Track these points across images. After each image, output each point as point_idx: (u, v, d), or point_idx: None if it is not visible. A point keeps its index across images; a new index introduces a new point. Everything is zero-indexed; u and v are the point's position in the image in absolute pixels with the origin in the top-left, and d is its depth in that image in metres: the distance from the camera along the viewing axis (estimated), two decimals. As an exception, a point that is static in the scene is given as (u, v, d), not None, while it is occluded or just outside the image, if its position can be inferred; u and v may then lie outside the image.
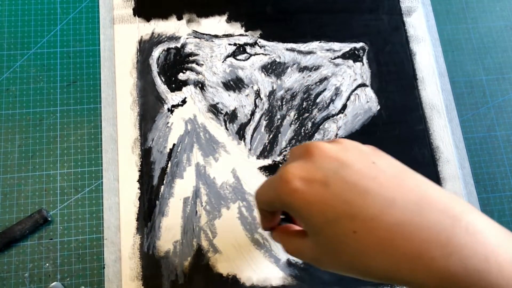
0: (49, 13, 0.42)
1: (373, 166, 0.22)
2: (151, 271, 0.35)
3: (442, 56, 0.44)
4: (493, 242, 0.19)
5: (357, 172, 0.22)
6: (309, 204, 0.22)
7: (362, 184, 0.21)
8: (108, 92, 0.40)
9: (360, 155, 0.23)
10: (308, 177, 0.22)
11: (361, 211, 0.21)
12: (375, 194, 0.21)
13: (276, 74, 0.42)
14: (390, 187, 0.21)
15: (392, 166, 0.22)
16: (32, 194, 0.37)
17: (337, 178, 0.22)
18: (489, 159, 0.42)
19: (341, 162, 0.22)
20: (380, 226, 0.20)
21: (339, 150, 0.23)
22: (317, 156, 0.23)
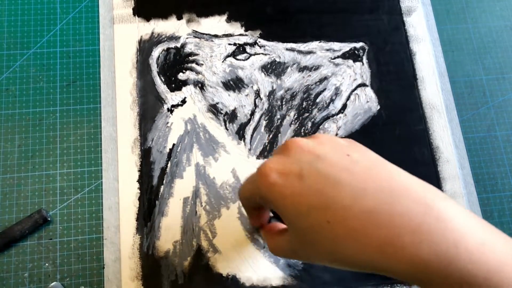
0: (49, 13, 0.42)
1: (346, 158, 0.23)
2: (151, 271, 0.35)
3: (442, 56, 0.44)
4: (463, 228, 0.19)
5: (330, 164, 0.22)
6: (285, 197, 0.23)
7: (335, 175, 0.22)
8: (108, 92, 0.40)
9: (335, 148, 0.24)
10: (284, 171, 0.23)
11: (334, 201, 0.21)
12: (347, 184, 0.21)
13: (276, 74, 0.42)
14: (362, 177, 0.21)
15: (366, 157, 0.23)
16: (32, 194, 0.37)
17: (311, 170, 0.22)
18: (489, 159, 0.42)
19: (315, 155, 0.23)
20: (352, 215, 0.21)
21: (315, 144, 0.24)
22: (294, 150, 0.24)
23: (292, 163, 0.23)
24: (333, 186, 0.21)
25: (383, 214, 0.20)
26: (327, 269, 0.36)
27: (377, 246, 0.20)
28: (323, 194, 0.22)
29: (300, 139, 0.25)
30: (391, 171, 0.22)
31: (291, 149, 0.24)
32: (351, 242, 0.21)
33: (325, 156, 0.23)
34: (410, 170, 0.22)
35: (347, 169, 0.22)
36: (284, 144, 0.25)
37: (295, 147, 0.24)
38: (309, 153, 0.23)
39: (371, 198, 0.20)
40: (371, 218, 0.20)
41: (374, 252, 0.20)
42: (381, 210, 0.20)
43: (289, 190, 0.23)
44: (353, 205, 0.21)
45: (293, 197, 0.22)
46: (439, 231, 0.19)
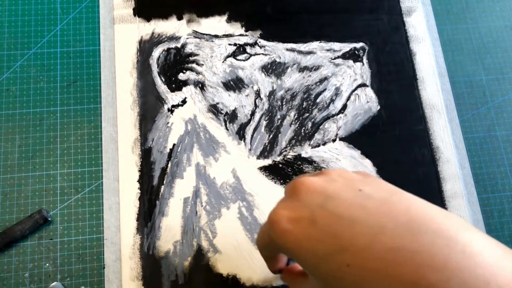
0: (49, 13, 0.42)
1: (359, 194, 0.21)
2: (151, 271, 0.35)
3: (442, 56, 0.44)
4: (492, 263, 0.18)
5: (343, 203, 0.21)
6: (299, 244, 0.22)
7: (349, 215, 0.21)
8: (108, 92, 0.40)
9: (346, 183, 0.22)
10: (295, 217, 0.22)
11: (351, 242, 0.20)
12: (363, 223, 0.20)
13: (276, 74, 0.42)
14: (379, 214, 0.20)
15: (380, 190, 0.22)
16: (32, 194, 0.37)
17: (323, 213, 0.21)
18: (489, 159, 0.42)
19: (326, 195, 0.22)
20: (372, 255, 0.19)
21: (324, 182, 0.23)
22: (303, 192, 0.23)
23: (303, 207, 0.22)
24: (348, 226, 0.20)
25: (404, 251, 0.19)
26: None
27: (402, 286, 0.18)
28: (339, 237, 0.20)
29: (307, 178, 0.23)
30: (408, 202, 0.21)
31: (300, 191, 0.23)
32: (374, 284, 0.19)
33: (337, 195, 0.22)
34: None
35: (361, 206, 0.21)
36: (292, 186, 0.24)
37: (303, 188, 0.23)
38: (319, 194, 0.22)
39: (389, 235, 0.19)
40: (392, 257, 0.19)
41: None
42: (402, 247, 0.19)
43: (303, 236, 0.21)
44: (372, 245, 0.19)
45: (308, 243, 0.21)
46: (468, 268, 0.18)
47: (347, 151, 0.40)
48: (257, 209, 0.38)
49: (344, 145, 0.40)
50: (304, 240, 0.21)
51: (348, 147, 0.40)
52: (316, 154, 0.40)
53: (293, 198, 0.23)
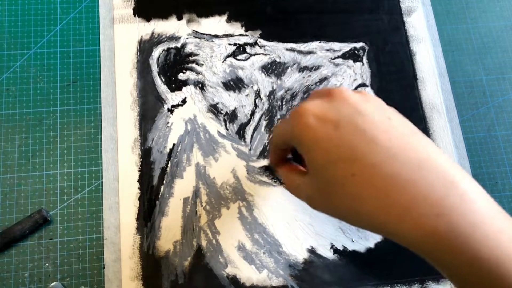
0: (49, 13, 0.42)
1: (387, 121, 0.23)
2: (151, 271, 0.35)
3: (442, 56, 0.44)
4: (484, 213, 0.19)
5: (370, 121, 0.22)
6: (316, 141, 0.23)
7: (372, 133, 0.22)
8: (108, 92, 0.40)
9: (378, 108, 0.24)
10: (321, 116, 0.23)
11: (364, 156, 0.21)
12: (381, 144, 0.21)
13: (276, 74, 0.42)
14: (397, 143, 0.22)
15: (405, 125, 0.23)
16: (32, 194, 0.37)
17: (349, 122, 0.22)
18: (489, 159, 0.42)
19: (357, 110, 0.23)
20: (378, 173, 0.21)
21: (360, 99, 0.24)
22: (337, 98, 0.24)
23: (332, 110, 0.23)
24: (368, 142, 0.22)
25: (407, 180, 0.20)
26: (327, 269, 0.36)
27: (395, 209, 0.20)
28: (355, 148, 0.22)
29: (346, 89, 0.24)
30: (426, 144, 0.22)
31: (334, 97, 0.24)
32: (371, 200, 0.21)
33: (367, 113, 0.23)
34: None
35: (385, 131, 0.22)
36: (327, 90, 0.25)
37: (338, 95, 0.24)
38: (352, 106, 0.23)
39: (400, 163, 0.21)
40: (395, 181, 0.20)
41: (390, 215, 0.20)
42: (406, 176, 0.20)
43: (323, 136, 0.23)
44: (381, 164, 0.21)
45: (325, 143, 0.22)
46: (460, 209, 0.19)
47: (347, 151, 0.40)
48: (257, 209, 0.38)
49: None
50: (322, 139, 0.23)
51: (348, 147, 0.40)
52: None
53: (324, 100, 0.24)
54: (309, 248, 0.37)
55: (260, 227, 0.37)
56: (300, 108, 0.24)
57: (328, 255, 0.37)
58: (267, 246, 0.37)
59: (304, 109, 0.24)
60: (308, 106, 0.24)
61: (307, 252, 0.37)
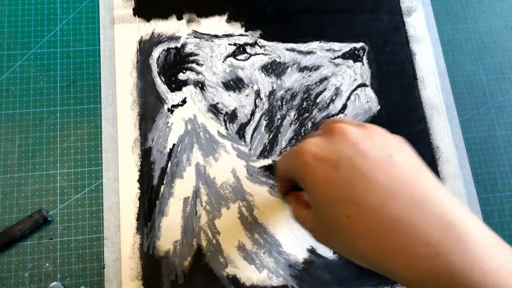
0: (49, 13, 0.42)
1: (388, 159, 0.22)
2: (151, 271, 0.35)
3: (442, 56, 0.44)
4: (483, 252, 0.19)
5: (369, 162, 0.22)
6: (316, 181, 0.23)
7: (370, 174, 0.22)
8: (108, 92, 0.40)
9: (380, 145, 0.23)
10: (321, 156, 0.23)
11: (361, 198, 0.21)
12: (379, 186, 0.21)
13: (276, 74, 0.42)
14: (397, 182, 0.21)
15: (409, 162, 0.23)
16: (32, 194, 0.37)
17: (348, 163, 0.22)
18: (489, 159, 0.42)
19: (357, 149, 0.23)
20: (374, 217, 0.21)
21: (362, 136, 0.24)
22: (338, 138, 0.24)
23: (332, 150, 0.23)
24: (365, 184, 0.21)
25: (404, 221, 0.20)
26: (327, 269, 0.36)
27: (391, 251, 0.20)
28: (353, 189, 0.22)
29: (347, 126, 0.24)
30: (428, 181, 0.22)
31: (335, 135, 0.24)
32: (368, 241, 0.21)
33: (367, 152, 0.22)
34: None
35: (385, 171, 0.22)
36: (330, 127, 0.25)
37: (340, 135, 0.24)
38: (352, 145, 0.23)
39: (398, 205, 0.20)
40: (392, 224, 0.20)
41: (386, 256, 0.20)
42: (404, 217, 0.20)
43: (321, 176, 0.23)
44: (378, 208, 0.21)
45: (323, 184, 0.23)
46: (458, 250, 0.19)
47: (347, 151, 0.40)
48: (257, 209, 0.38)
49: (344, 145, 0.40)
50: (321, 180, 0.23)
51: (348, 147, 0.40)
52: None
53: (326, 139, 0.24)
54: (309, 248, 0.37)
55: (260, 227, 0.37)
56: (301, 147, 0.24)
57: (328, 255, 0.37)
58: (267, 246, 0.37)
59: (305, 147, 0.24)
60: (308, 145, 0.24)
61: (307, 252, 0.37)
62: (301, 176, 0.24)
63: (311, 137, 0.25)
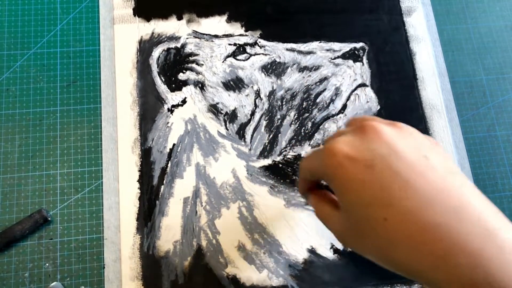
0: (49, 13, 0.42)
1: (423, 160, 0.22)
2: (151, 271, 0.35)
3: (442, 56, 0.44)
4: None
5: (405, 163, 0.21)
6: (349, 182, 0.22)
7: (407, 177, 0.21)
8: (108, 92, 0.40)
9: (415, 145, 0.22)
10: (354, 156, 0.22)
11: (398, 201, 0.20)
12: (416, 190, 0.20)
13: (276, 74, 0.42)
14: (434, 187, 0.20)
15: (444, 164, 0.22)
16: (32, 194, 0.37)
17: (383, 164, 0.21)
18: (489, 159, 0.42)
19: (392, 149, 0.22)
20: (412, 220, 0.20)
21: (395, 135, 0.23)
22: (371, 136, 0.23)
23: (366, 149, 0.22)
24: (402, 186, 0.21)
25: (444, 228, 0.19)
26: (327, 269, 0.36)
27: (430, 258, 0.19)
28: (389, 191, 0.21)
29: (379, 124, 0.23)
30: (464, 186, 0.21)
31: (368, 134, 0.23)
32: (404, 247, 0.20)
33: (402, 153, 0.22)
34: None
35: (421, 174, 0.21)
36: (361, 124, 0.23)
37: (373, 133, 0.23)
38: (386, 144, 0.22)
39: (436, 210, 0.20)
40: (432, 230, 0.19)
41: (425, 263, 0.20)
42: (443, 224, 0.19)
43: (355, 177, 0.22)
44: (416, 212, 0.20)
45: (357, 185, 0.22)
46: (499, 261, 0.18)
47: (347, 151, 0.40)
48: (257, 209, 0.38)
49: (344, 145, 0.40)
50: (354, 180, 0.22)
51: (348, 147, 0.40)
52: (316, 154, 0.40)
53: (358, 137, 0.23)
54: (309, 248, 0.37)
55: (260, 227, 0.37)
56: (331, 146, 0.23)
57: (328, 255, 0.37)
58: (267, 246, 0.37)
59: (336, 146, 0.23)
60: (339, 145, 0.23)
61: (307, 252, 0.37)
62: (332, 177, 0.23)
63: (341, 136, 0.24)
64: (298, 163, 0.39)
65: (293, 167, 0.39)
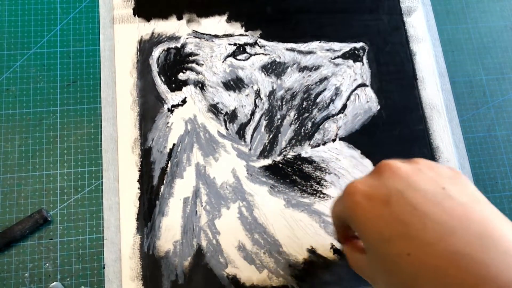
0: (49, 13, 0.42)
1: (441, 191, 0.21)
2: (151, 271, 0.35)
3: (442, 56, 0.44)
4: None
5: (421, 195, 0.21)
6: (367, 220, 0.22)
7: (424, 208, 0.21)
8: (108, 92, 0.40)
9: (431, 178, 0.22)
10: (370, 193, 0.22)
11: (418, 234, 0.20)
12: (435, 220, 0.20)
13: (276, 74, 0.42)
14: (453, 215, 0.20)
15: (464, 194, 0.21)
16: (32, 194, 0.37)
17: (399, 198, 0.21)
18: (489, 159, 0.42)
19: (408, 183, 0.22)
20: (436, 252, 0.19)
21: (411, 170, 0.23)
22: (386, 174, 0.23)
23: (381, 186, 0.22)
24: (420, 218, 0.20)
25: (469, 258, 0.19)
26: (327, 269, 0.36)
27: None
28: (408, 225, 0.20)
29: (394, 161, 0.23)
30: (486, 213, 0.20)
31: (384, 172, 0.23)
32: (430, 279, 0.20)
33: (418, 186, 0.21)
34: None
35: (438, 204, 0.21)
36: (378, 165, 0.24)
37: (388, 169, 0.23)
38: (401, 179, 0.22)
39: (458, 238, 0.19)
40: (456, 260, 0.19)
41: None
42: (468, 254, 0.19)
43: (373, 214, 0.22)
44: (438, 243, 0.20)
45: (376, 222, 0.22)
46: None
47: (347, 151, 0.40)
48: (257, 209, 0.38)
49: (344, 145, 0.40)
50: (373, 218, 0.22)
51: (348, 147, 0.40)
52: (316, 154, 0.40)
53: (374, 177, 0.23)
54: (309, 248, 0.37)
55: (260, 227, 0.37)
56: (349, 187, 0.24)
57: (328, 255, 0.37)
58: (267, 246, 0.37)
59: (353, 187, 0.23)
60: (357, 185, 0.23)
61: (307, 252, 0.37)
62: (351, 217, 0.23)
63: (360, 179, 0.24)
64: (298, 163, 0.39)
65: (293, 167, 0.39)
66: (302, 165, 0.39)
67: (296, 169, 0.39)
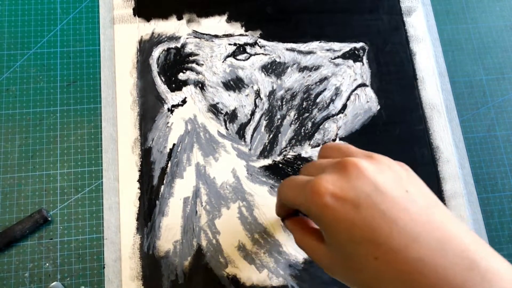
0: (49, 13, 0.42)
1: (405, 195, 0.22)
2: (151, 271, 0.35)
3: (442, 56, 0.44)
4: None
5: (389, 200, 0.22)
6: (338, 222, 0.22)
7: (392, 214, 0.21)
8: (108, 92, 0.40)
9: (394, 179, 0.23)
10: (340, 195, 0.23)
11: (386, 241, 0.21)
12: (402, 227, 0.21)
13: (276, 74, 0.42)
14: (418, 222, 0.21)
15: (421, 195, 0.23)
16: (32, 194, 0.37)
17: (369, 202, 0.22)
18: (489, 159, 0.42)
19: (375, 186, 0.22)
20: (402, 259, 0.20)
21: (375, 170, 0.23)
22: (354, 175, 0.23)
23: (350, 188, 0.23)
24: (389, 225, 0.21)
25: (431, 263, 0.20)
26: (327, 269, 0.36)
27: None
28: (377, 231, 0.21)
29: (359, 160, 0.24)
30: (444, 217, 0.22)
31: (351, 172, 0.23)
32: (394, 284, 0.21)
33: (385, 190, 0.22)
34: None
35: (405, 209, 0.21)
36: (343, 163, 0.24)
37: (355, 171, 0.23)
38: (369, 182, 0.22)
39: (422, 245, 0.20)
40: (419, 266, 0.20)
41: None
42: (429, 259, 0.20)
43: (343, 217, 0.22)
44: (405, 250, 0.20)
45: (346, 224, 0.22)
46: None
47: (347, 151, 0.40)
48: (257, 209, 0.38)
49: (344, 145, 0.40)
50: (343, 220, 0.22)
51: (348, 147, 0.40)
52: (316, 154, 0.40)
53: (341, 176, 0.23)
54: (309, 248, 0.37)
55: (260, 227, 0.37)
56: (316, 185, 0.23)
57: (328, 255, 0.37)
58: (267, 246, 0.37)
59: (321, 186, 0.23)
60: (325, 184, 0.23)
61: (307, 252, 0.37)
62: (319, 216, 0.23)
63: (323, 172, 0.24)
64: (298, 163, 0.39)
65: (293, 167, 0.39)
66: (302, 165, 0.39)
67: (296, 169, 0.39)
